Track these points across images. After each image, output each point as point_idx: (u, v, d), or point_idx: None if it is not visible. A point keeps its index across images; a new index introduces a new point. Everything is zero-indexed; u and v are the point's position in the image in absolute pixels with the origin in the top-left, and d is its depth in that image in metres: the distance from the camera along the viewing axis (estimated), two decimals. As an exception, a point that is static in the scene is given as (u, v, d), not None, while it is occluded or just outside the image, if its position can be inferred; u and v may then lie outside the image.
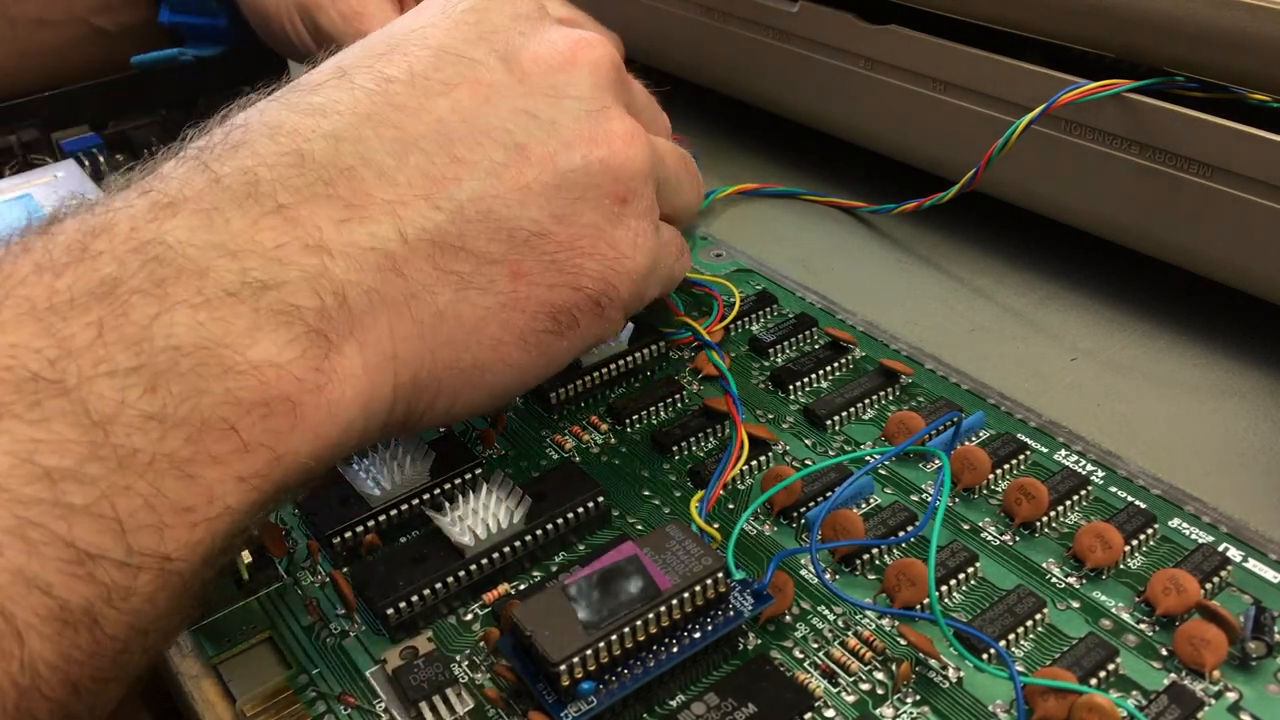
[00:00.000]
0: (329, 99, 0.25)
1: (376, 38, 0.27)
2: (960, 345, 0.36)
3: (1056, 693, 0.23)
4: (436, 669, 0.25)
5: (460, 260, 0.25)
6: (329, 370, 0.22)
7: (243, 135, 0.24)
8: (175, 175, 0.23)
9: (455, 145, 0.25)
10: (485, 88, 0.26)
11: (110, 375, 0.19)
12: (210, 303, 0.21)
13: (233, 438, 0.21)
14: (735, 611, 0.25)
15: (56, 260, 0.20)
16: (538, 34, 0.28)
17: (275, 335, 0.21)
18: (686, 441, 0.32)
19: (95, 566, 0.18)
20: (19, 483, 0.18)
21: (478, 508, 0.28)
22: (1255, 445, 0.31)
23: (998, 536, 0.28)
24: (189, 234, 0.21)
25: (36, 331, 0.19)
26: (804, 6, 0.44)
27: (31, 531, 0.18)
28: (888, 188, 0.44)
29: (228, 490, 0.21)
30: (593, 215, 0.27)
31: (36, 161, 0.48)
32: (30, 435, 0.18)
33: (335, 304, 0.22)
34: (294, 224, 0.23)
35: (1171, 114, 0.33)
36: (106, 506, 0.19)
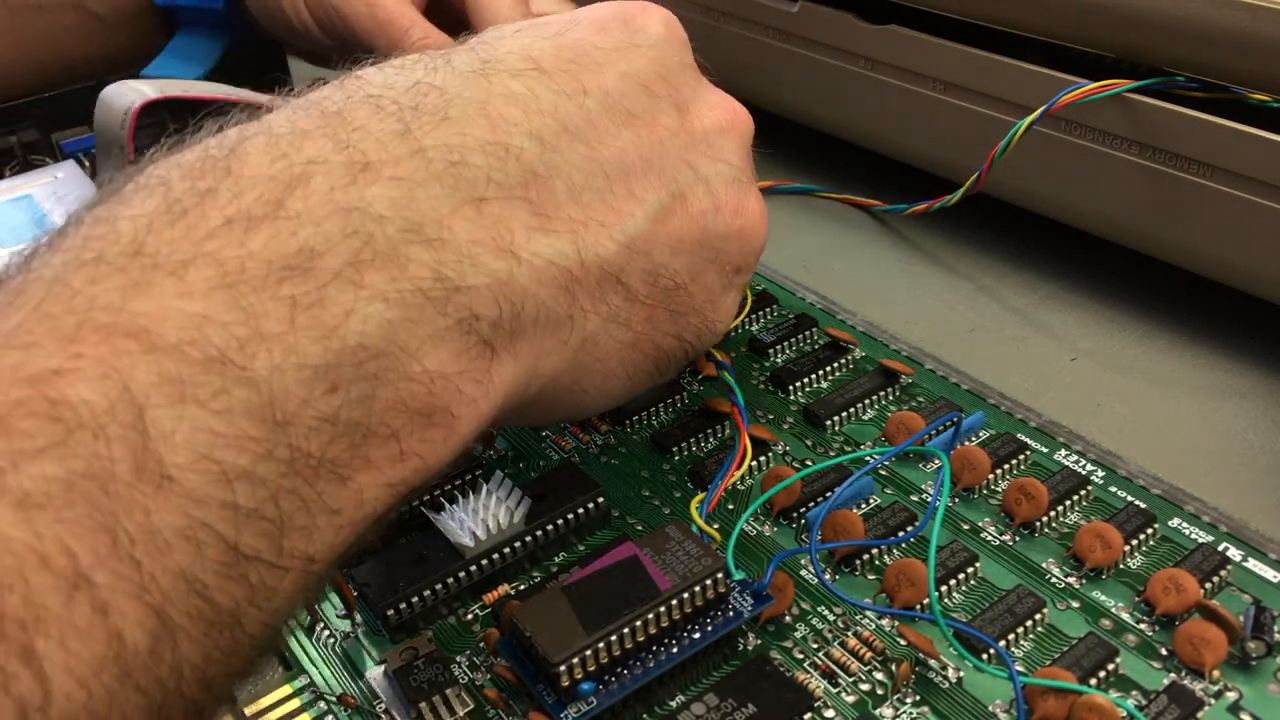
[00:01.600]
0: (530, 90, 0.24)
1: (565, 40, 0.26)
2: (960, 345, 0.36)
3: (1056, 693, 0.23)
4: (436, 670, 0.25)
5: (615, 293, 0.25)
6: (487, 382, 0.22)
7: (445, 104, 0.23)
8: (373, 130, 0.22)
9: (633, 180, 0.26)
10: (662, 130, 0.27)
11: (298, 369, 0.19)
12: (404, 300, 0.20)
13: (392, 445, 0.20)
14: (735, 612, 0.25)
15: (249, 212, 0.19)
16: (701, 90, 0.29)
17: (453, 345, 0.21)
18: (686, 442, 0.32)
19: (249, 568, 0.18)
20: (196, 479, 0.17)
21: (478, 508, 0.28)
22: (1255, 445, 0.31)
23: (998, 536, 0.28)
24: (389, 208, 0.21)
25: (227, 302, 0.18)
26: (804, 6, 0.44)
27: (200, 532, 0.17)
28: (888, 187, 0.44)
29: (377, 496, 0.20)
30: (715, 278, 0.28)
31: (37, 162, 0.48)
32: (212, 426, 0.17)
33: (511, 314, 0.22)
34: (490, 221, 0.22)
35: (1172, 114, 0.33)
36: (271, 509, 0.18)
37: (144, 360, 0.17)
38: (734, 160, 0.28)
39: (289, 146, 0.21)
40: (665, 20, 0.29)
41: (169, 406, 0.17)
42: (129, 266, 0.18)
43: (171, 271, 0.18)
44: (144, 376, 0.17)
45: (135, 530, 0.16)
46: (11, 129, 0.49)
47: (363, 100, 0.22)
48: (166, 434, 0.17)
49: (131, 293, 0.18)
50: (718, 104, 0.29)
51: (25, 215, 0.41)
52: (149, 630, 0.16)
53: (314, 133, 0.21)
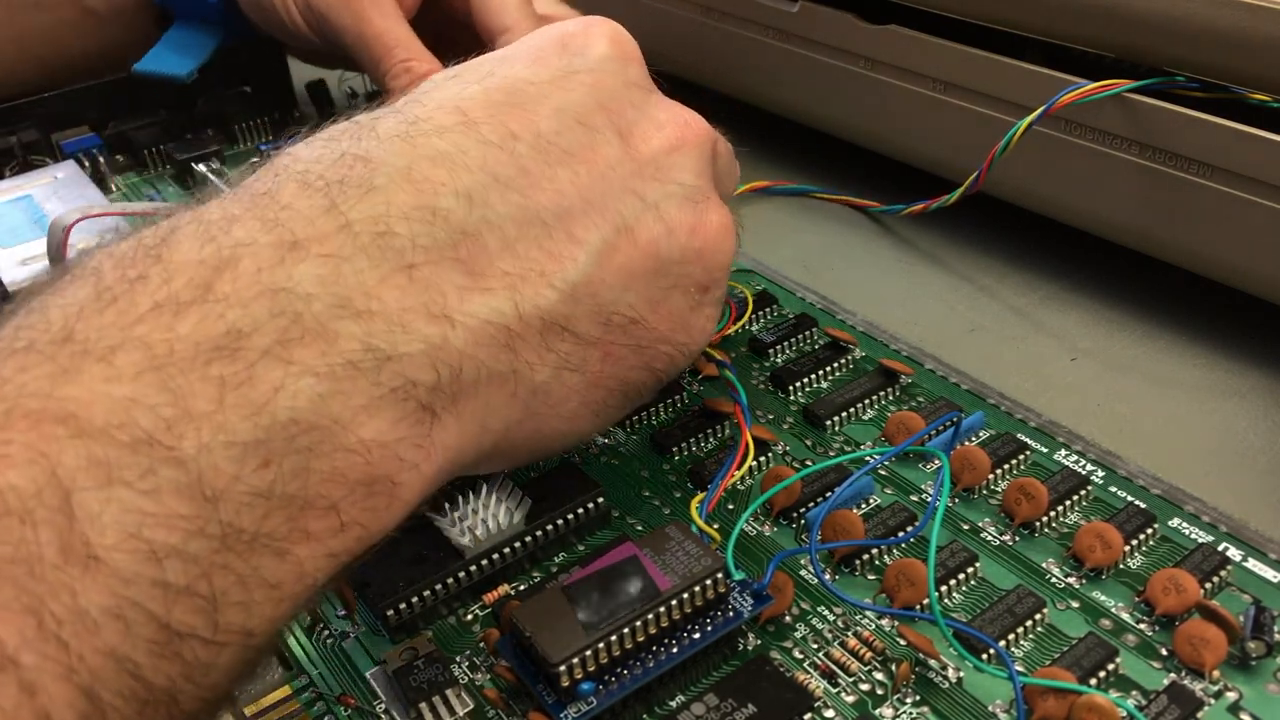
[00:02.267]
0: (456, 146, 0.24)
1: (492, 83, 0.26)
2: (960, 345, 0.36)
3: (1056, 693, 0.23)
4: (436, 670, 0.25)
5: (563, 341, 0.25)
6: (429, 445, 0.22)
7: (370, 174, 0.23)
8: (300, 208, 0.22)
9: (573, 222, 0.25)
10: (602, 163, 0.26)
11: (228, 446, 0.18)
12: (334, 373, 0.20)
13: (331, 516, 0.20)
14: (735, 612, 0.25)
15: (177, 297, 0.19)
16: (647, 108, 0.28)
17: (389, 413, 0.21)
18: (686, 442, 0.32)
19: (183, 645, 0.18)
20: (125, 559, 0.17)
21: (477, 508, 0.28)
22: (1255, 445, 0.31)
23: (997, 536, 0.28)
24: (317, 285, 0.21)
25: (154, 384, 0.18)
26: (804, 6, 0.44)
27: (129, 611, 0.17)
28: (888, 187, 0.44)
29: (317, 567, 0.20)
30: (679, 302, 0.27)
31: (37, 162, 0.48)
32: (139, 506, 0.17)
33: (449, 377, 0.22)
34: (420, 287, 0.22)
35: (1171, 114, 0.33)
36: (204, 585, 0.18)
37: (71, 445, 0.17)
38: (685, 179, 0.27)
39: (218, 231, 0.21)
40: (609, 36, 0.28)
41: (96, 489, 0.17)
42: (58, 354, 0.18)
43: (100, 357, 0.18)
44: (71, 460, 0.17)
45: (62, 612, 0.16)
46: (11, 129, 0.49)
47: (289, 178, 0.22)
48: (93, 515, 0.17)
49: (60, 379, 0.18)
50: (666, 121, 0.28)
51: (25, 215, 0.41)
52: (78, 711, 0.16)
53: (243, 216, 0.21)
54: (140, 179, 0.50)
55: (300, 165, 0.23)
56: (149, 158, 0.50)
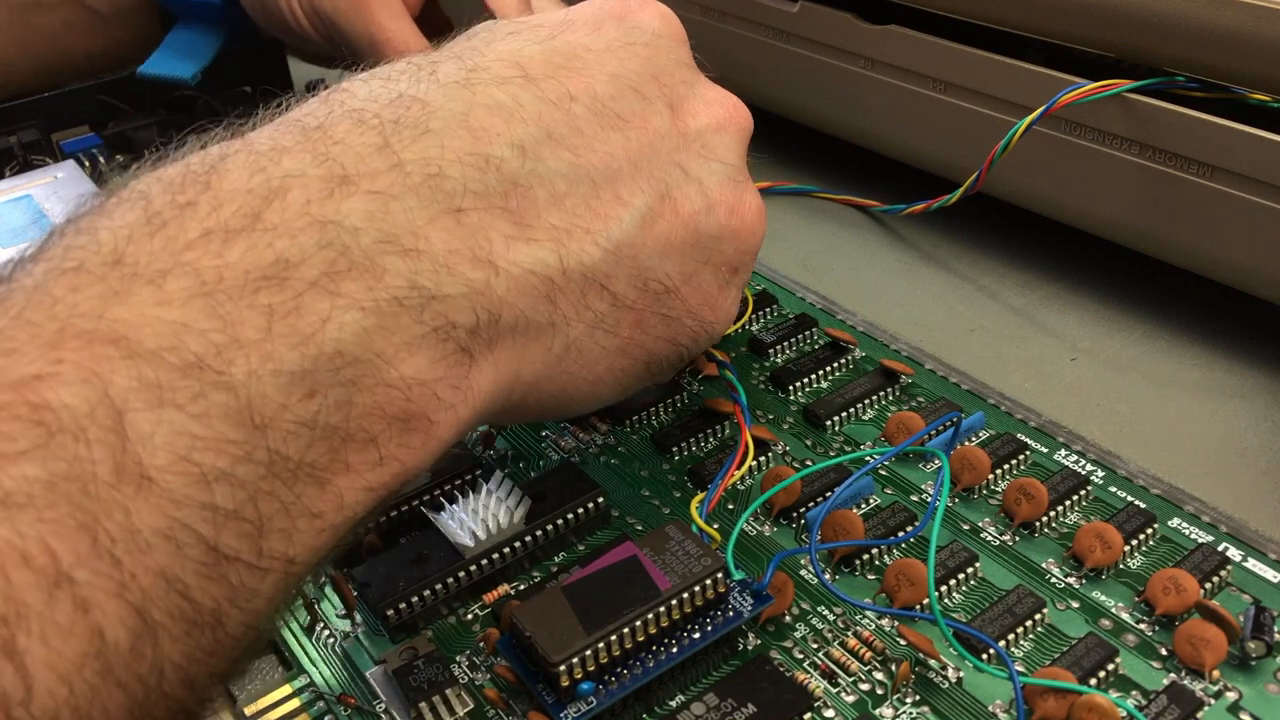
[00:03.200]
0: (514, 99, 0.24)
1: (554, 45, 0.26)
2: (960, 345, 0.36)
3: (1056, 693, 0.23)
4: (436, 670, 0.25)
5: (602, 300, 0.25)
6: (466, 388, 0.22)
7: (426, 117, 0.23)
8: (352, 144, 0.22)
9: (620, 184, 0.25)
10: (652, 132, 0.26)
11: (276, 375, 0.19)
12: (379, 308, 0.20)
13: (371, 450, 0.20)
14: (735, 612, 0.25)
15: (227, 224, 0.19)
16: (697, 88, 0.28)
17: (429, 352, 0.21)
18: (686, 442, 0.32)
19: (229, 568, 0.18)
20: (176, 480, 0.17)
21: (477, 508, 0.28)
22: (1255, 445, 0.31)
23: (997, 536, 0.28)
24: (365, 220, 0.21)
25: (204, 310, 0.18)
26: (804, 6, 0.44)
27: (180, 533, 0.17)
28: (888, 187, 0.44)
29: (356, 499, 0.20)
30: (710, 279, 0.28)
31: (37, 162, 0.48)
32: (190, 429, 0.18)
33: (489, 322, 0.22)
34: (468, 231, 0.22)
35: (1172, 114, 0.33)
36: (250, 510, 0.18)
37: (123, 365, 0.17)
38: (729, 158, 0.28)
39: (268, 161, 0.21)
40: (662, 15, 0.28)
41: (148, 410, 0.17)
42: (109, 275, 0.18)
43: (150, 280, 0.18)
44: (123, 381, 0.17)
45: (115, 530, 0.16)
46: (12, 129, 0.49)
47: (344, 114, 0.23)
48: (145, 437, 0.17)
49: (111, 301, 0.18)
50: (714, 100, 0.28)
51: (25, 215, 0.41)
52: (130, 628, 0.17)
53: (293, 148, 0.21)
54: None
55: (356, 102, 0.23)
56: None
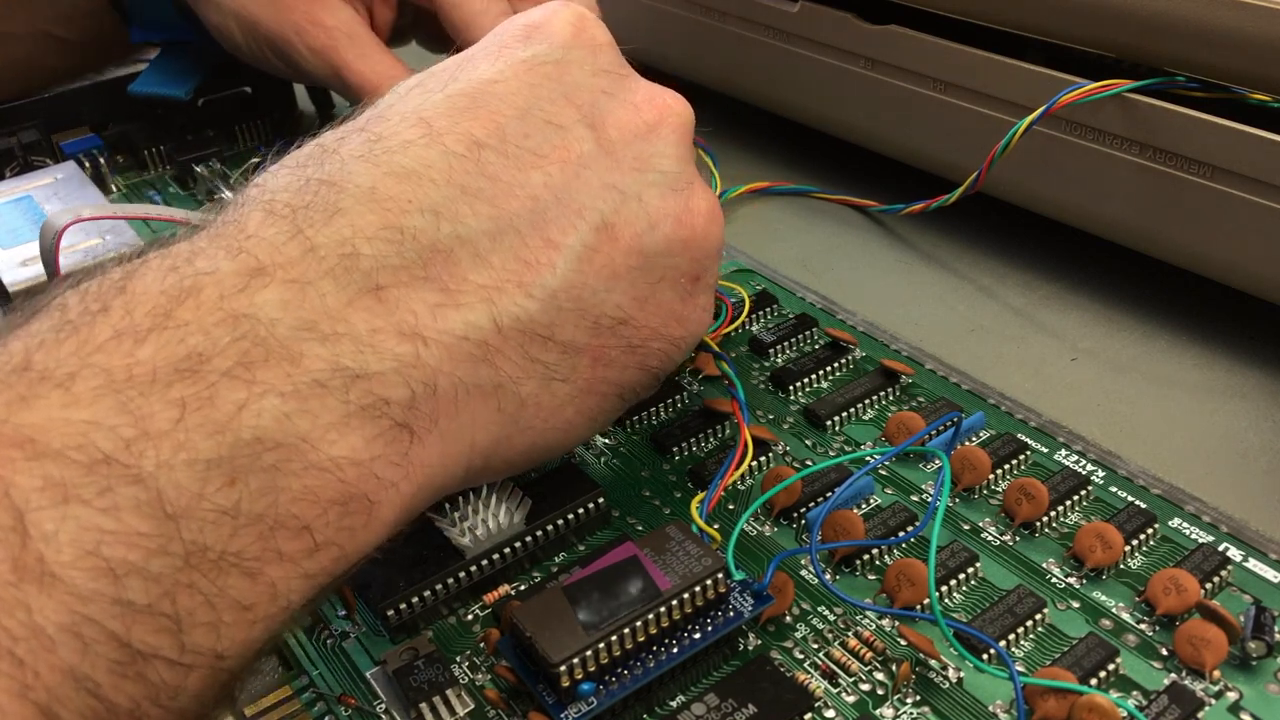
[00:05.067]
0: (419, 161, 0.23)
1: (455, 88, 0.25)
2: (960, 345, 0.36)
3: (1056, 693, 0.23)
4: (436, 670, 0.25)
5: (548, 350, 0.24)
6: (408, 464, 0.21)
7: (335, 198, 0.22)
8: (265, 236, 0.21)
9: (548, 226, 0.24)
10: (575, 161, 0.25)
11: (190, 465, 0.18)
12: (299, 392, 0.20)
13: (305, 537, 0.20)
14: (735, 612, 0.25)
15: (138, 325, 0.19)
16: (621, 93, 0.27)
17: (361, 430, 0.20)
18: (686, 442, 0.32)
19: (146, 666, 0.17)
20: (82, 576, 0.17)
21: (478, 508, 0.28)
22: (1255, 445, 0.31)
23: (998, 536, 0.28)
24: (281, 309, 0.20)
25: (113, 407, 0.18)
26: (804, 6, 0.44)
27: (87, 629, 0.17)
28: (889, 186, 0.44)
29: (291, 588, 0.20)
30: (669, 295, 0.26)
31: (37, 163, 0.48)
32: (98, 524, 0.17)
33: (425, 394, 0.22)
34: (390, 308, 0.22)
35: (1172, 114, 0.33)
36: (167, 605, 0.18)
37: (26, 466, 0.17)
38: (665, 165, 0.26)
39: (182, 262, 0.20)
40: (573, 22, 0.27)
41: (52, 508, 0.17)
42: (16, 383, 0.18)
43: (59, 384, 0.18)
44: (25, 481, 0.17)
45: (16, 628, 0.16)
46: (12, 130, 0.49)
47: (255, 207, 0.22)
48: (49, 534, 0.17)
49: (17, 406, 0.18)
50: (641, 103, 0.27)
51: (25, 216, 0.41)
52: None
53: (208, 248, 0.21)
54: (140, 180, 0.50)
55: (266, 195, 0.22)
56: (149, 159, 0.50)
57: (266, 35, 0.42)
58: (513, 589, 0.28)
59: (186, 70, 0.50)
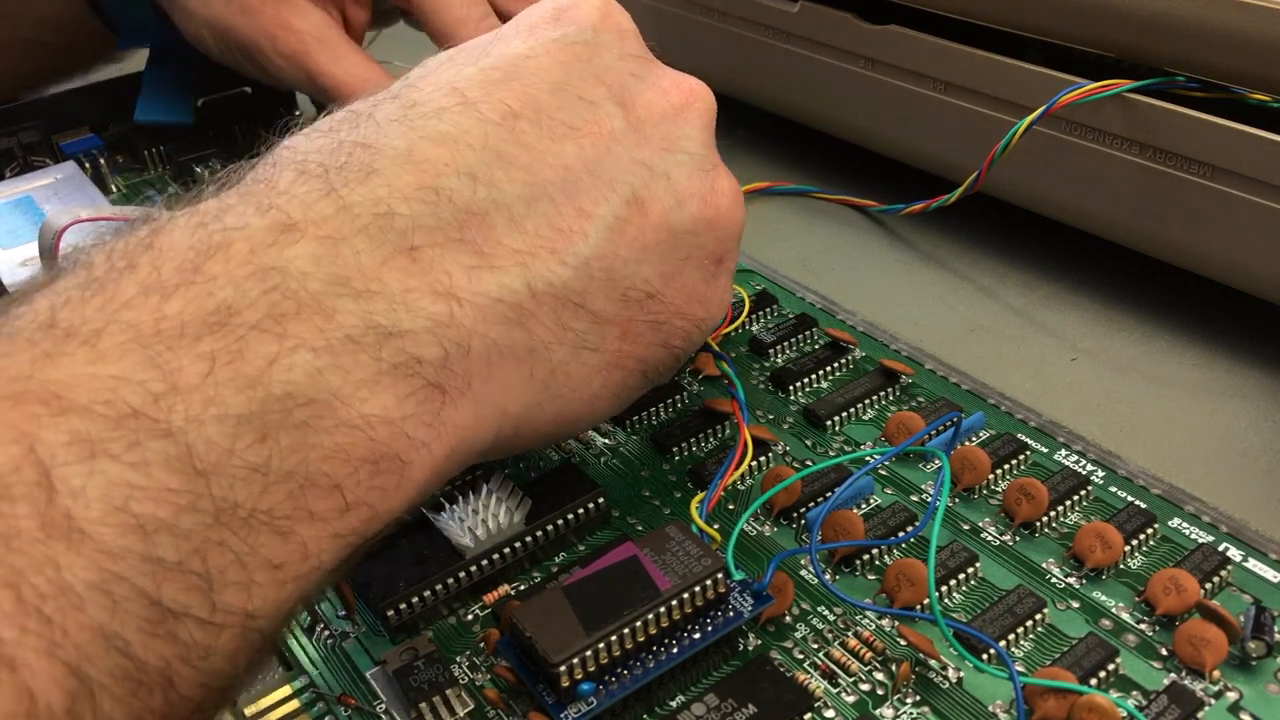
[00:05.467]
0: (456, 127, 0.23)
1: (488, 62, 0.25)
2: (960, 345, 0.36)
3: (1056, 693, 0.23)
4: (436, 670, 0.25)
5: (579, 318, 0.24)
6: (440, 425, 0.21)
7: (370, 158, 0.22)
8: (296, 193, 0.21)
9: (580, 196, 0.24)
10: (606, 135, 0.25)
11: (220, 420, 0.18)
12: (331, 348, 0.20)
13: (335, 495, 0.19)
14: (735, 612, 0.25)
15: (165, 281, 0.19)
16: (649, 77, 0.27)
17: (394, 389, 0.20)
18: (686, 442, 0.32)
19: (177, 625, 0.17)
20: (110, 533, 0.16)
21: (478, 508, 0.28)
22: (1255, 445, 0.31)
23: (998, 536, 0.28)
24: (313, 264, 0.20)
25: (141, 362, 0.18)
26: (804, 6, 0.44)
27: (117, 586, 0.16)
28: (889, 186, 0.44)
29: (322, 548, 0.19)
30: (693, 274, 0.27)
31: (37, 163, 0.48)
32: (127, 479, 0.17)
33: (458, 355, 0.22)
34: (424, 267, 0.22)
35: (1172, 114, 0.33)
36: (197, 562, 0.17)
37: (52, 422, 0.17)
38: (692, 147, 0.27)
39: (210, 219, 0.20)
40: (600, 6, 0.27)
41: (78, 463, 0.17)
42: (42, 340, 0.18)
43: (85, 340, 0.18)
44: (51, 436, 0.17)
45: (44, 585, 0.16)
46: (12, 130, 0.49)
47: (286, 167, 0.22)
48: (76, 490, 0.16)
49: (43, 362, 0.17)
50: (669, 87, 0.27)
51: (25, 216, 0.41)
52: (65, 689, 0.16)
53: (236, 204, 0.21)
54: (140, 180, 0.50)
55: (298, 156, 0.22)
56: (149, 159, 0.50)
57: (239, 42, 0.42)
58: (513, 589, 0.28)
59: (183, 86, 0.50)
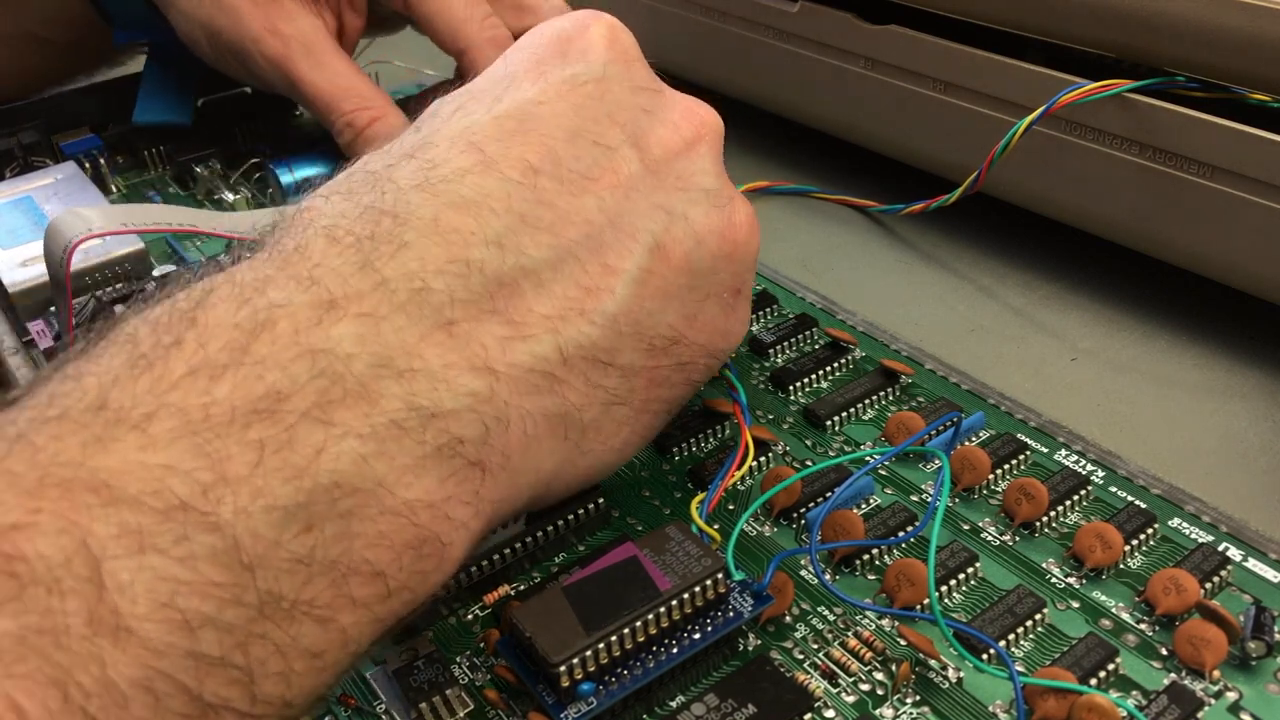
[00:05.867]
0: (478, 191, 0.23)
1: (501, 109, 0.25)
2: (960, 345, 0.36)
3: (1056, 693, 0.23)
4: (436, 670, 0.25)
5: (609, 375, 0.24)
6: (479, 502, 0.21)
7: (399, 230, 0.22)
8: (333, 265, 0.21)
9: (606, 252, 0.24)
10: (624, 183, 0.25)
11: (268, 511, 0.18)
12: (377, 434, 0.20)
13: (378, 582, 0.19)
14: (735, 612, 0.25)
15: (213, 360, 0.19)
16: (659, 111, 0.27)
17: (436, 471, 0.20)
18: (686, 442, 0.32)
19: (217, 718, 0.17)
20: (156, 629, 0.16)
21: (478, 508, 0.28)
22: (1255, 445, 0.31)
23: (998, 536, 0.28)
24: (358, 344, 0.20)
25: (190, 450, 0.18)
26: (804, 6, 0.44)
27: (160, 683, 0.16)
28: (889, 186, 0.44)
29: (363, 634, 0.19)
30: (714, 310, 0.27)
31: (37, 163, 0.48)
32: (174, 574, 0.17)
33: (498, 430, 0.22)
34: (461, 342, 0.22)
35: (1172, 114, 0.33)
36: (240, 656, 0.17)
37: (103, 514, 0.17)
38: (707, 181, 0.27)
39: (253, 292, 0.20)
40: (606, 35, 0.27)
41: (127, 557, 0.17)
42: (92, 423, 0.18)
43: (135, 425, 0.18)
44: (102, 529, 0.16)
45: (90, 684, 0.16)
46: (12, 130, 0.49)
47: (317, 234, 0.22)
48: (124, 585, 0.16)
49: (94, 448, 0.17)
50: (679, 120, 0.27)
51: (25, 216, 0.41)
52: None
53: (276, 276, 0.21)
54: (140, 180, 0.50)
55: (325, 220, 0.22)
56: (149, 159, 0.50)
57: (228, 44, 0.42)
58: (513, 589, 0.28)
59: (181, 87, 0.50)
